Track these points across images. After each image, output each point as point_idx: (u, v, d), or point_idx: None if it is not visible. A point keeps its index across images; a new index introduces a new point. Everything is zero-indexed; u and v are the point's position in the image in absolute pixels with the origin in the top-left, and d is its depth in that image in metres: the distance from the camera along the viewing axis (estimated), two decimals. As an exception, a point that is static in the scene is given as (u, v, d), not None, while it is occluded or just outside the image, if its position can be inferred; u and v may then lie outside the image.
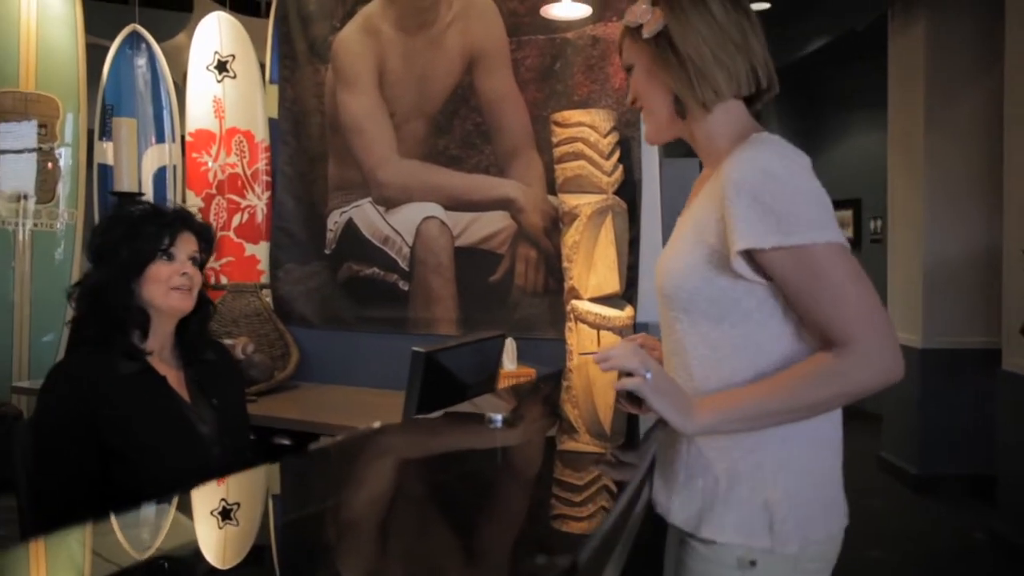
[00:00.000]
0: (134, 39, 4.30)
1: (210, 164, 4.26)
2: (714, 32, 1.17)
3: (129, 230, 1.68)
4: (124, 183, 3.35)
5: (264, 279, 3.99)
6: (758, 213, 1.06)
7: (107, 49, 4.35)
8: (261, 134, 4.24)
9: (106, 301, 1.68)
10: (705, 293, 1.15)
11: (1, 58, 3.86)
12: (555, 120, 2.56)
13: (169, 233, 1.70)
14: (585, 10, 2.49)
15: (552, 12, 2.51)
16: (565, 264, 2.54)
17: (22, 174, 3.97)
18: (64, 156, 4.04)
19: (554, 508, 1.08)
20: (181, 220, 1.73)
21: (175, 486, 1.66)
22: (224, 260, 4.28)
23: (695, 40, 1.17)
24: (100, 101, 4.23)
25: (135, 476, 1.63)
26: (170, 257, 1.71)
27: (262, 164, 4.27)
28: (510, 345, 2.70)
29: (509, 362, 2.64)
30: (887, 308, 1.15)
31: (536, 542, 0.95)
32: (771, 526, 1.11)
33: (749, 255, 1.09)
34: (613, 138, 2.55)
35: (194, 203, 4.24)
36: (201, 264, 1.79)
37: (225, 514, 1.02)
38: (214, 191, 4.30)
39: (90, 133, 4.20)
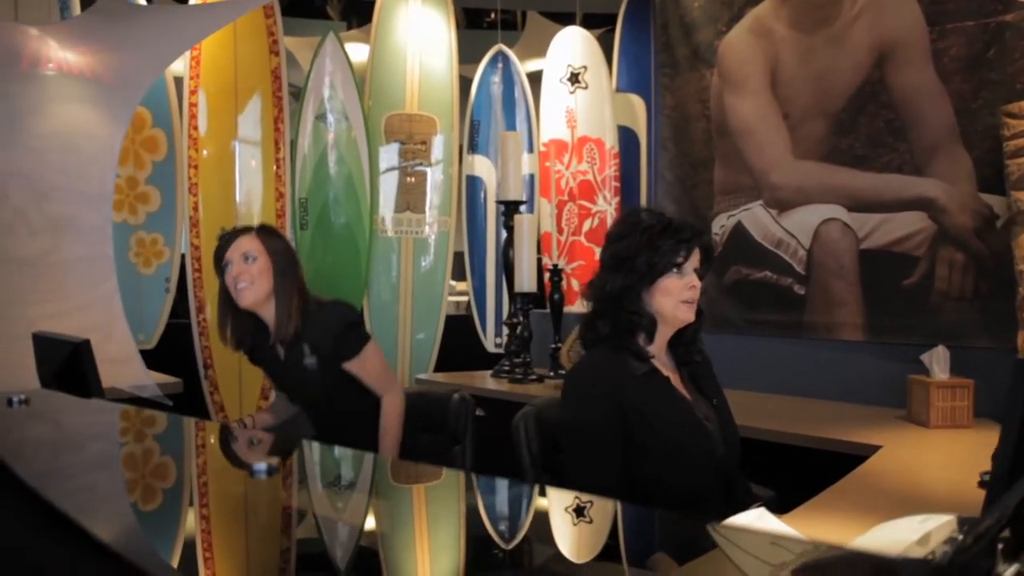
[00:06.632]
0: (497, 59, 4.63)
1: (563, 172, 4.49)
2: None
3: (648, 243, 1.74)
4: (510, 192, 3.60)
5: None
6: None
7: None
8: (610, 141, 4.40)
9: (621, 306, 1.79)
10: None
11: (392, 86, 4.33)
12: (1008, 111, 2.37)
13: (685, 249, 1.75)
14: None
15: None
16: (1021, 267, 2.34)
17: (400, 188, 4.42)
18: (437, 170, 4.44)
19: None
20: (696, 237, 1.78)
21: (693, 482, 1.75)
22: (575, 264, 4.49)
23: None
24: (468, 117, 4.61)
25: (658, 471, 1.73)
26: (681, 272, 1.76)
27: (611, 171, 4.42)
28: (942, 353, 2.55)
29: (941, 372, 2.49)
30: None
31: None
32: None
33: None
34: (1079, 128, 2.32)
35: (547, 210, 4.50)
36: (700, 277, 1.85)
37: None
38: (566, 197, 4.53)
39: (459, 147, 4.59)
